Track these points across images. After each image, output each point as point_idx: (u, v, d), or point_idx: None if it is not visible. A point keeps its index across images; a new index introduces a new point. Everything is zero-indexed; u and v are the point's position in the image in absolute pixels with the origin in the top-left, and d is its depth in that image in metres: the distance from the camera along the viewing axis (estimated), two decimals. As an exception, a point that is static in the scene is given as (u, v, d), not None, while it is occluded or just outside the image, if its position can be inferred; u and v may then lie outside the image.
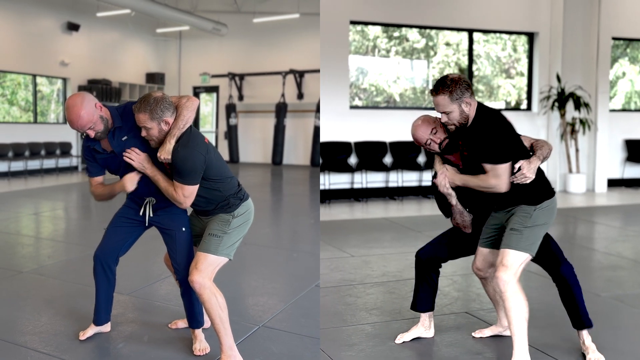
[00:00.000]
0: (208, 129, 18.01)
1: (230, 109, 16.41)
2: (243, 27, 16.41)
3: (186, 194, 3.07)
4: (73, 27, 14.85)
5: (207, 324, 3.53)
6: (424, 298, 3.62)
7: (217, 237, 3.15)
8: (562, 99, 10.61)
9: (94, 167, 3.30)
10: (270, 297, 4.43)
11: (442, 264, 3.62)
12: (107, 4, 13.41)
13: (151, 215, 3.28)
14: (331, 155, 10.01)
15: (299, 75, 15.83)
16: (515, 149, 3.14)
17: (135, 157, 3.13)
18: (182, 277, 3.25)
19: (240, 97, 17.02)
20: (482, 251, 3.43)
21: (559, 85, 10.64)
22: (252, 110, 16.93)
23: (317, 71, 9.89)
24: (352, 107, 10.42)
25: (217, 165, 3.17)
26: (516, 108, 11.61)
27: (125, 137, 3.15)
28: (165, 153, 3.01)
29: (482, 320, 3.96)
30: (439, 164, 3.44)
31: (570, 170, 10.85)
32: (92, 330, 3.49)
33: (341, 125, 10.08)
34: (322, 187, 9.90)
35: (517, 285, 3.11)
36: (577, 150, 10.85)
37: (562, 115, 10.69)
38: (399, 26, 10.75)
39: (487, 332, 3.68)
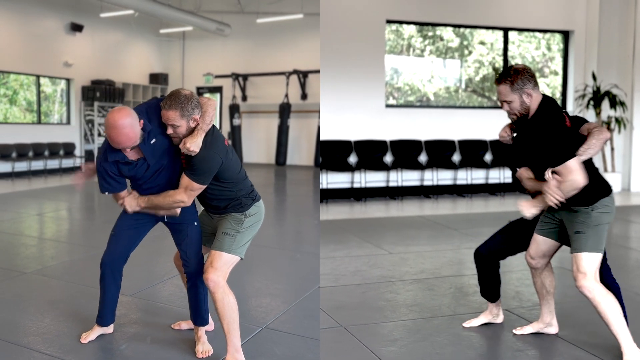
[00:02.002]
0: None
1: (234, 109, 16.41)
2: (246, 28, 16.41)
3: (192, 190, 3.07)
4: (77, 27, 14.87)
5: (210, 326, 3.52)
6: (490, 290, 3.79)
7: (231, 236, 3.15)
8: (597, 98, 10.53)
9: (116, 183, 3.19)
10: (273, 298, 4.42)
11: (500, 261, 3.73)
12: (111, 5, 13.43)
13: None
14: (367, 154, 10.06)
15: (303, 75, 15.82)
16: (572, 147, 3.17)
17: (129, 204, 3.19)
18: (191, 270, 3.25)
19: (244, 98, 17.02)
20: (537, 239, 3.48)
21: (594, 83, 10.55)
22: (255, 110, 16.93)
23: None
24: (387, 105, 10.44)
25: (233, 167, 3.16)
26: None
27: (153, 140, 3.11)
28: (195, 145, 2.97)
29: (522, 317, 4.00)
30: (504, 127, 3.52)
31: (605, 169, 10.78)
32: (95, 332, 3.48)
33: (377, 123, 10.14)
34: (357, 185, 9.98)
35: (601, 287, 3.16)
36: (612, 149, 10.79)
37: (598, 114, 10.60)
38: (435, 25, 10.77)
39: (528, 329, 3.69)
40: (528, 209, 3.27)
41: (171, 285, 4.61)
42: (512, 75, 3.21)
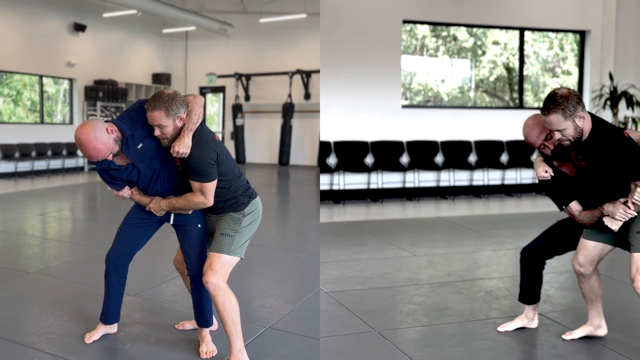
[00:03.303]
0: (214, 130, 17.99)
1: (237, 109, 16.41)
2: (249, 27, 16.41)
3: (207, 191, 3.03)
4: (79, 27, 14.88)
5: (214, 326, 3.51)
6: (530, 291, 3.69)
7: (229, 237, 3.12)
8: (614, 98, 10.42)
9: (119, 186, 3.23)
10: (277, 299, 4.40)
11: (547, 260, 3.65)
12: (114, 5, 13.43)
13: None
14: (383, 154, 10.02)
15: (306, 75, 15.80)
16: None
17: (154, 209, 3.17)
18: (194, 274, 3.22)
19: (247, 98, 17.02)
20: (587, 245, 3.37)
21: (611, 83, 10.46)
22: (258, 110, 16.92)
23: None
24: (404, 106, 10.41)
25: (228, 161, 3.14)
26: None
27: (140, 145, 3.10)
28: (184, 147, 2.95)
29: (556, 321, 3.92)
30: (540, 165, 3.43)
31: None
32: (99, 332, 3.47)
33: (393, 124, 10.12)
34: (375, 186, 9.96)
35: None
36: None
37: (615, 115, 10.52)
38: (451, 25, 10.74)
39: (577, 333, 3.59)
40: (614, 224, 3.17)
41: (174, 285, 4.60)
42: (561, 102, 3.08)
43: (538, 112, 3.29)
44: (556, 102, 3.09)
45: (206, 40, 17.37)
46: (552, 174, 3.40)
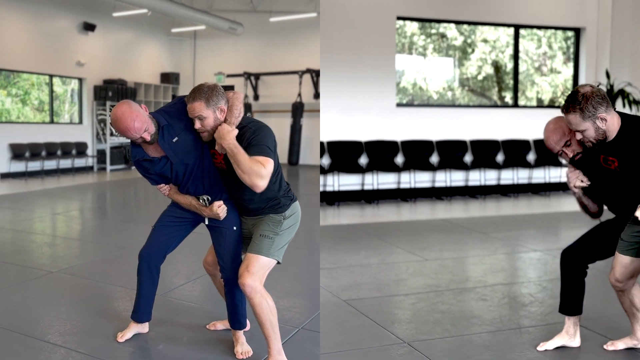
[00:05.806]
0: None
1: (246, 108, 16.24)
2: (259, 27, 16.37)
3: (268, 165, 2.86)
4: (89, 27, 14.85)
5: (247, 326, 3.46)
6: (571, 300, 3.40)
7: (269, 239, 3.03)
8: (611, 96, 10.30)
9: (153, 180, 3.22)
10: (306, 299, 4.36)
11: (589, 265, 3.40)
12: (123, 4, 13.40)
13: None
14: (378, 155, 9.88)
15: (316, 74, 15.74)
16: None
17: (221, 133, 2.92)
18: (228, 276, 3.17)
19: (256, 97, 16.98)
20: (622, 260, 3.13)
21: (608, 81, 10.35)
22: (268, 110, 16.87)
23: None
24: (398, 105, 10.29)
25: (276, 154, 3.06)
26: (550, 105, 11.38)
27: (176, 138, 3.06)
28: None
29: (591, 330, 3.70)
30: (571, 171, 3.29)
31: None
32: (131, 330, 3.43)
33: (388, 123, 9.99)
34: (369, 187, 9.82)
35: None
36: None
37: None
38: (445, 22, 10.67)
39: (620, 345, 3.39)
40: None
41: (200, 285, 4.56)
42: (580, 101, 2.96)
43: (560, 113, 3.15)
44: (576, 101, 2.97)
45: (215, 40, 17.33)
46: (589, 182, 3.22)
